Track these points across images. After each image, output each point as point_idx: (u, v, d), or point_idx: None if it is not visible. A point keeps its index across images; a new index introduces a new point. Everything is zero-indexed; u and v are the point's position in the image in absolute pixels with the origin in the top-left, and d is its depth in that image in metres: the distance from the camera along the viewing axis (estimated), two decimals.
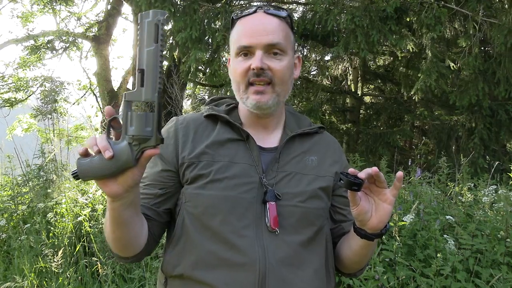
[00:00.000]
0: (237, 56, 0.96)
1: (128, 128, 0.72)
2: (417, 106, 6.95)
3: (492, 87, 4.84)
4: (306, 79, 7.88)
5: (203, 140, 0.98)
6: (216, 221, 0.90)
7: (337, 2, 4.72)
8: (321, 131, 1.09)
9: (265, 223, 0.91)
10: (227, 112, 1.03)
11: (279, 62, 0.94)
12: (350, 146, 7.29)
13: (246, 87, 0.95)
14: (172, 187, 0.97)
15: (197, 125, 1.01)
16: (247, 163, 0.95)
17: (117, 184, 0.75)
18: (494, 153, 5.49)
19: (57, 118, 5.42)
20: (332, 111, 8.08)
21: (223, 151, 0.96)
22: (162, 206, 0.97)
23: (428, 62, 4.58)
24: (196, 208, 0.92)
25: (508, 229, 2.38)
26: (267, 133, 1.03)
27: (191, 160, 0.95)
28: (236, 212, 0.90)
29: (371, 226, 0.88)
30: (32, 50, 8.81)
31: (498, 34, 4.23)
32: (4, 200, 3.72)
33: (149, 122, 0.72)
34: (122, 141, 0.73)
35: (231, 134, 0.98)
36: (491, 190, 3.03)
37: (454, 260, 2.10)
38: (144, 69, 0.70)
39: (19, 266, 2.67)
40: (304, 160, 1.00)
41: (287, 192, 0.94)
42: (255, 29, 0.93)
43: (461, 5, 4.55)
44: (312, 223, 0.95)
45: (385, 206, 0.86)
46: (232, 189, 0.91)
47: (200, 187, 0.93)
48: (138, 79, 0.70)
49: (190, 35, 4.31)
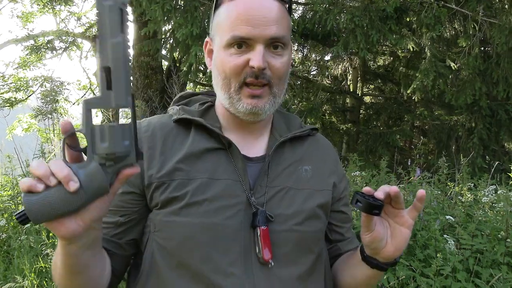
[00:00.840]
0: (228, 47, 0.75)
1: (98, 145, 0.56)
2: (417, 106, 6.95)
3: (491, 87, 4.84)
4: (306, 79, 7.88)
5: (175, 153, 0.78)
6: (196, 257, 0.72)
7: (337, 2, 4.72)
8: (314, 133, 0.92)
9: (256, 253, 0.74)
10: (201, 114, 0.84)
11: (280, 59, 0.77)
12: (350, 146, 7.30)
13: (240, 86, 0.76)
14: (137, 213, 0.79)
15: (166, 133, 0.81)
16: (231, 179, 0.77)
17: (77, 221, 0.57)
18: (494, 153, 5.50)
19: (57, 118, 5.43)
20: (332, 111, 8.09)
21: (201, 165, 0.77)
22: (125, 237, 0.79)
23: (426, 62, 4.58)
24: (170, 241, 0.74)
25: (508, 229, 2.38)
26: (252, 138, 0.84)
27: (161, 180, 0.76)
28: (220, 244, 0.73)
29: (386, 255, 0.73)
30: (32, 50, 8.81)
31: (499, 34, 4.23)
32: (4, 200, 3.72)
33: (126, 134, 0.57)
34: (90, 163, 0.56)
35: (209, 143, 0.79)
36: (491, 190, 3.04)
37: (454, 260, 2.10)
38: (111, 67, 0.55)
39: (19, 266, 2.67)
40: (298, 171, 0.83)
41: (281, 213, 0.77)
42: (255, 15, 0.74)
43: (461, 5, 4.56)
44: (311, 250, 0.80)
45: (403, 231, 0.72)
46: (214, 214, 0.74)
47: (173, 213, 0.74)
48: (102, 80, 0.55)
49: (191, 32, 4.30)
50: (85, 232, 0.59)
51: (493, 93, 4.93)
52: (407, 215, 0.72)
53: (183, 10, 4.46)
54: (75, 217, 0.56)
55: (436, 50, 4.63)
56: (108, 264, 0.75)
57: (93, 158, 0.56)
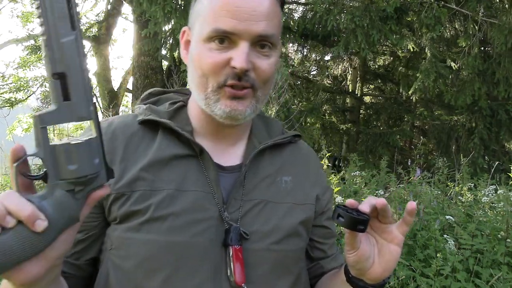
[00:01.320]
0: (208, 41, 0.65)
1: (63, 168, 0.46)
2: (417, 106, 6.96)
3: (491, 87, 4.85)
4: (306, 79, 7.89)
5: (138, 160, 0.68)
6: (156, 281, 0.63)
7: (337, 2, 4.72)
8: (295, 140, 0.81)
9: (227, 276, 0.65)
10: (171, 115, 0.73)
11: (267, 60, 0.67)
12: (350, 146, 7.31)
13: (219, 86, 0.66)
14: (96, 228, 0.69)
15: (129, 136, 0.70)
16: (201, 190, 0.68)
17: (40, 263, 0.47)
18: (494, 153, 5.50)
19: None
20: (332, 111, 8.10)
21: (167, 174, 0.68)
22: (83, 257, 0.70)
23: (427, 62, 4.59)
24: (127, 260, 0.64)
25: (508, 229, 2.38)
26: (227, 145, 0.75)
27: (120, 191, 0.66)
28: (186, 266, 0.64)
29: (373, 276, 0.63)
30: (32, 50, 8.81)
31: (499, 34, 4.24)
32: None
33: (94, 150, 0.49)
34: (53, 191, 0.47)
35: (178, 148, 0.70)
36: (491, 190, 3.04)
37: (454, 260, 2.10)
38: (66, 72, 0.45)
39: None
40: (276, 183, 0.73)
41: (257, 229, 0.68)
42: (243, 8, 0.63)
43: (461, 5, 4.56)
44: (289, 271, 0.71)
45: (391, 249, 0.62)
46: (180, 231, 0.64)
47: (133, 229, 0.65)
48: (57, 89, 0.45)
49: None
50: (50, 270, 0.50)
51: (493, 93, 4.94)
52: (396, 230, 0.63)
53: (183, 10, 4.47)
54: (37, 258, 0.47)
55: (436, 50, 4.64)
56: None
57: (57, 185, 0.47)
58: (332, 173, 3.31)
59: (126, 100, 10.21)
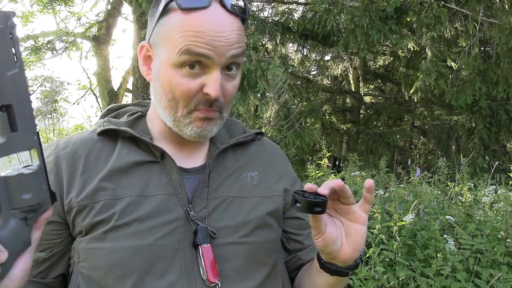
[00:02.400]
0: (179, 67, 0.64)
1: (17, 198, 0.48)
2: (417, 106, 6.96)
3: (491, 87, 4.85)
4: (306, 79, 7.89)
5: (98, 170, 0.68)
6: (127, 286, 0.63)
7: (337, 2, 4.72)
8: (259, 138, 0.83)
9: (200, 275, 0.65)
10: (129, 124, 0.74)
11: (233, 82, 0.69)
12: (350, 146, 7.30)
13: (189, 112, 0.67)
14: (60, 245, 0.69)
15: (89, 148, 0.71)
16: (165, 193, 0.68)
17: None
18: (494, 153, 5.50)
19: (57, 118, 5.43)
20: (332, 111, 8.10)
21: (129, 181, 0.68)
22: (50, 275, 0.69)
23: (428, 62, 4.59)
24: (96, 270, 0.64)
25: (508, 229, 2.38)
26: (189, 149, 0.75)
27: (81, 203, 0.66)
28: (156, 268, 0.64)
29: (343, 257, 0.65)
30: (32, 50, 8.82)
31: (499, 34, 4.24)
32: None
33: (42, 178, 0.51)
34: (7, 221, 0.48)
35: (138, 155, 0.70)
36: (491, 190, 3.04)
37: (454, 260, 2.10)
38: (13, 105, 0.47)
39: None
40: (242, 179, 0.75)
41: (225, 225, 0.69)
42: (215, 35, 0.63)
43: (461, 5, 4.56)
44: (263, 263, 0.72)
45: (357, 228, 0.64)
46: (146, 234, 0.64)
47: (97, 239, 0.64)
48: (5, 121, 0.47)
49: None
50: None
51: (493, 93, 4.94)
52: (359, 210, 0.64)
53: None
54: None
55: (436, 50, 4.64)
56: None
57: (10, 214, 0.48)
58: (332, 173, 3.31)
59: (126, 100, 10.22)
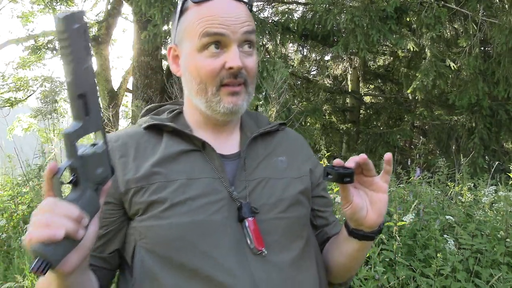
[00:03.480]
0: (202, 50, 0.75)
1: (93, 173, 0.58)
2: (417, 106, 6.96)
3: (492, 87, 4.84)
4: (306, 79, 7.89)
5: (148, 157, 0.78)
6: (188, 255, 0.72)
7: (337, 2, 4.72)
8: (282, 128, 0.94)
9: (248, 245, 0.74)
10: (171, 120, 0.85)
11: (251, 58, 0.79)
12: (350, 146, 7.30)
13: (217, 89, 0.76)
14: (116, 223, 0.78)
15: (137, 140, 0.81)
16: (210, 177, 0.77)
17: (77, 253, 0.58)
18: (494, 153, 5.50)
19: (57, 118, 5.43)
20: (332, 111, 8.09)
21: (177, 167, 0.77)
22: (107, 250, 0.78)
23: (427, 62, 4.59)
24: (158, 245, 0.73)
25: (508, 229, 2.38)
26: (223, 138, 0.86)
27: (138, 185, 0.75)
28: (209, 240, 0.73)
29: (369, 223, 0.75)
30: (32, 50, 8.81)
31: (499, 34, 4.23)
32: (4, 200, 3.72)
33: (106, 155, 0.60)
34: (85, 191, 0.58)
35: (183, 145, 0.80)
36: (491, 190, 3.04)
37: (454, 260, 2.10)
38: (87, 93, 0.55)
39: (19, 266, 2.67)
40: (273, 163, 0.84)
41: (264, 203, 0.78)
42: (227, 16, 0.74)
43: (461, 5, 4.56)
44: (299, 235, 0.81)
45: (380, 196, 0.74)
46: (198, 212, 0.73)
47: (155, 217, 0.73)
48: (80, 108, 0.55)
49: None
50: (82, 261, 0.60)
51: (493, 93, 4.93)
52: (380, 181, 0.74)
53: None
54: (74, 250, 0.57)
55: (436, 50, 4.63)
56: (95, 282, 0.74)
57: (88, 186, 0.58)
58: None
59: (126, 100, 10.21)
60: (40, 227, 0.53)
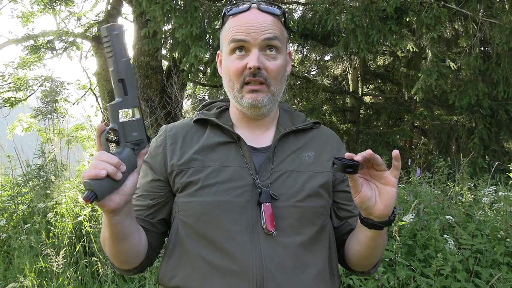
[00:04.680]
0: (231, 53, 0.93)
1: (129, 135, 0.78)
2: (417, 106, 6.95)
3: (491, 87, 4.84)
4: (306, 79, 7.88)
5: (192, 146, 0.96)
6: (210, 228, 0.88)
7: (337, 2, 4.72)
8: (317, 126, 1.06)
9: (261, 225, 0.88)
10: (217, 115, 1.01)
11: (274, 61, 0.92)
12: (350, 146, 7.29)
13: (241, 86, 0.92)
14: (163, 197, 0.97)
15: (186, 131, 0.99)
16: (239, 166, 0.92)
17: (119, 195, 0.76)
18: (494, 153, 5.49)
19: (57, 118, 5.42)
20: (332, 111, 8.08)
21: (214, 155, 0.94)
22: (156, 217, 0.97)
23: (428, 62, 4.58)
24: (189, 217, 0.91)
25: (508, 229, 2.38)
26: (260, 133, 1.00)
27: (180, 168, 0.93)
28: (230, 217, 0.88)
29: (377, 213, 0.83)
30: (32, 50, 8.80)
31: (499, 34, 4.23)
32: (4, 200, 3.71)
33: (143, 125, 0.79)
34: (124, 149, 0.77)
35: (221, 137, 0.96)
36: (491, 190, 3.03)
37: (454, 260, 2.10)
38: (125, 79, 0.76)
39: (19, 266, 2.67)
40: (300, 157, 0.96)
41: (284, 192, 0.91)
42: (250, 25, 0.91)
43: (461, 5, 4.55)
44: (313, 223, 0.92)
45: (388, 189, 0.82)
46: (224, 193, 0.89)
47: (190, 195, 0.91)
48: (120, 89, 0.76)
49: (190, 32, 4.29)
50: (126, 203, 0.78)
51: (493, 93, 4.92)
52: (389, 175, 0.82)
53: (183, 10, 4.46)
54: (118, 192, 0.76)
55: (436, 50, 4.62)
56: (144, 236, 0.93)
57: (126, 145, 0.77)
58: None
59: None
60: (90, 168, 0.72)
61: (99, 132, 0.75)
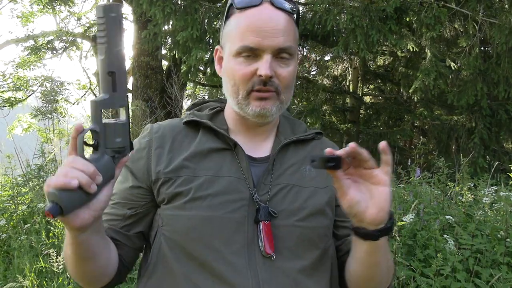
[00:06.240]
0: (237, 56, 0.80)
1: (112, 140, 0.64)
2: (417, 106, 6.95)
3: (491, 87, 4.84)
4: (306, 79, 7.88)
5: (182, 151, 0.83)
6: (200, 247, 0.76)
7: (337, 2, 4.72)
8: (319, 137, 0.94)
9: (259, 247, 0.77)
10: (210, 117, 0.88)
11: (287, 68, 0.81)
12: None
13: (247, 93, 0.80)
14: (144, 207, 0.84)
15: (175, 133, 0.86)
16: (235, 176, 0.80)
17: (89, 210, 0.63)
18: (494, 153, 5.49)
19: (57, 118, 5.42)
20: (332, 111, 8.09)
21: (206, 163, 0.82)
22: (132, 229, 0.84)
23: (427, 62, 4.58)
24: (175, 233, 0.79)
25: (508, 229, 2.38)
26: (257, 140, 0.88)
27: (167, 176, 0.81)
28: (223, 235, 0.77)
29: (370, 218, 0.69)
30: (32, 50, 8.80)
31: (499, 34, 4.23)
32: (4, 200, 3.71)
33: (127, 129, 0.66)
34: (103, 156, 0.64)
35: (215, 143, 0.84)
36: (491, 190, 3.03)
37: (454, 260, 2.10)
38: (116, 72, 0.62)
39: (19, 266, 2.67)
40: (301, 171, 0.85)
41: (284, 209, 0.80)
42: (264, 27, 0.78)
43: (461, 5, 4.55)
44: (315, 246, 0.81)
45: (380, 189, 0.69)
46: (217, 208, 0.77)
47: (178, 207, 0.79)
48: (108, 84, 0.62)
49: (191, 34, 4.30)
50: (96, 219, 0.66)
51: (493, 93, 4.93)
52: (380, 173, 0.70)
53: (183, 11, 4.46)
54: (88, 207, 0.63)
55: (436, 50, 4.63)
56: (114, 252, 0.80)
57: (105, 151, 0.64)
58: None
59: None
60: (58, 176, 0.59)
61: (75, 133, 0.62)
